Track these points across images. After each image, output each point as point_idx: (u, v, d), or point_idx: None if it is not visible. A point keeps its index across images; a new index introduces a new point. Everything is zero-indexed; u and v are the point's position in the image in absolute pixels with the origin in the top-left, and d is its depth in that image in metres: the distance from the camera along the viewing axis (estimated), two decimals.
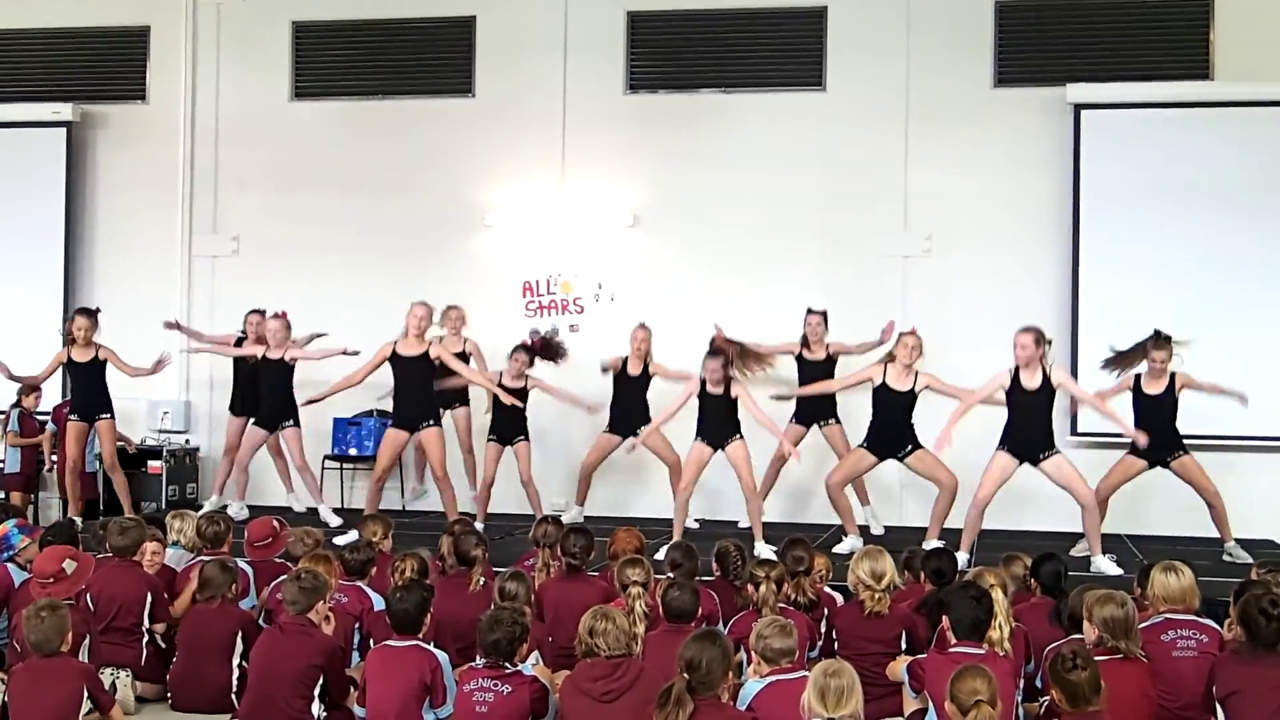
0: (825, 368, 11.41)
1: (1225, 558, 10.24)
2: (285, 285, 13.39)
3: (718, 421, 10.23)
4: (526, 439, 11.49)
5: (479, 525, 10.54)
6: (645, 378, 11.64)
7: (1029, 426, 9.66)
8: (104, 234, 14.36)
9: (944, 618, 6.15)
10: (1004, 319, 10.54)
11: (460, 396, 12.03)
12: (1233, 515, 11.45)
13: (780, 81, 13.28)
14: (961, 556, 9.42)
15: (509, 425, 11.43)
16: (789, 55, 13.30)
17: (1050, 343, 9.78)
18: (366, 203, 13.72)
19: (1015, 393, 9.65)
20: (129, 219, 14.25)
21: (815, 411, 11.41)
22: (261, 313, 12.07)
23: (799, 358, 11.56)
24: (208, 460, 13.79)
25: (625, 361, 11.65)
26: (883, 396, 10.20)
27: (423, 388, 10.76)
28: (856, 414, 10.85)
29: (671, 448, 11.27)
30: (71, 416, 11.56)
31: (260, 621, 7.39)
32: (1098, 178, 12.38)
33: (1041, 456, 9.66)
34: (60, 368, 11.72)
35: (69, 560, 6.58)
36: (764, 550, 9.53)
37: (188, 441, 13.80)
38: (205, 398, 13.86)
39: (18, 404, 12.96)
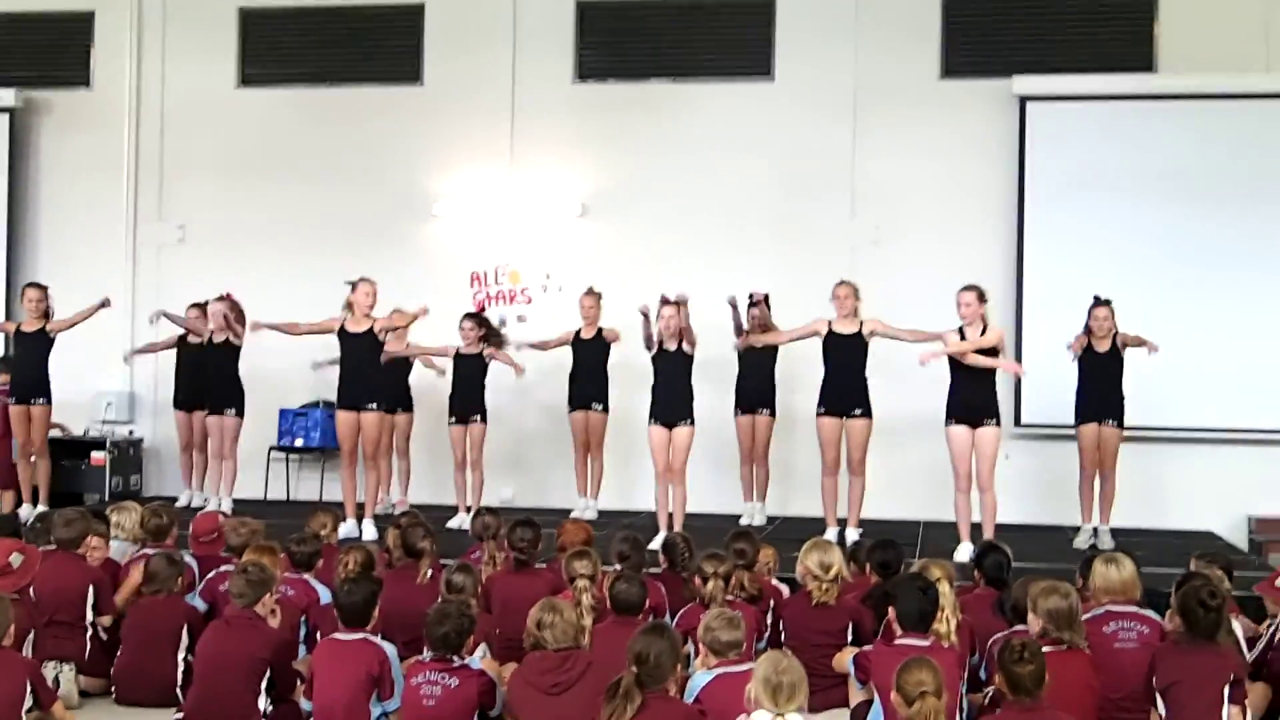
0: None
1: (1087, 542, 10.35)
2: (232, 274, 13.21)
3: None
4: (483, 421, 11.41)
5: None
6: (600, 343, 11.64)
7: (969, 389, 9.72)
8: (48, 222, 14.21)
9: (890, 609, 6.19)
10: (951, 306, 10.62)
11: (404, 401, 11.94)
12: (1172, 506, 11.72)
13: (729, 71, 13.31)
14: (965, 548, 9.52)
15: (467, 402, 11.35)
16: (738, 45, 13.33)
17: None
18: (314, 191, 13.64)
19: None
20: (73, 207, 14.11)
21: (759, 399, 11.43)
22: (202, 306, 11.95)
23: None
24: (151, 451, 13.71)
25: (578, 331, 11.68)
26: (831, 343, 10.30)
27: (369, 365, 10.58)
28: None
29: None
30: (10, 399, 11.39)
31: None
32: (1042, 167, 12.52)
33: (983, 422, 9.71)
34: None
35: (15, 554, 6.50)
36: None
37: (131, 433, 13.68)
38: (150, 388, 13.74)
39: None
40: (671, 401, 10.10)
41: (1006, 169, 12.65)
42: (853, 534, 10.10)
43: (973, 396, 9.74)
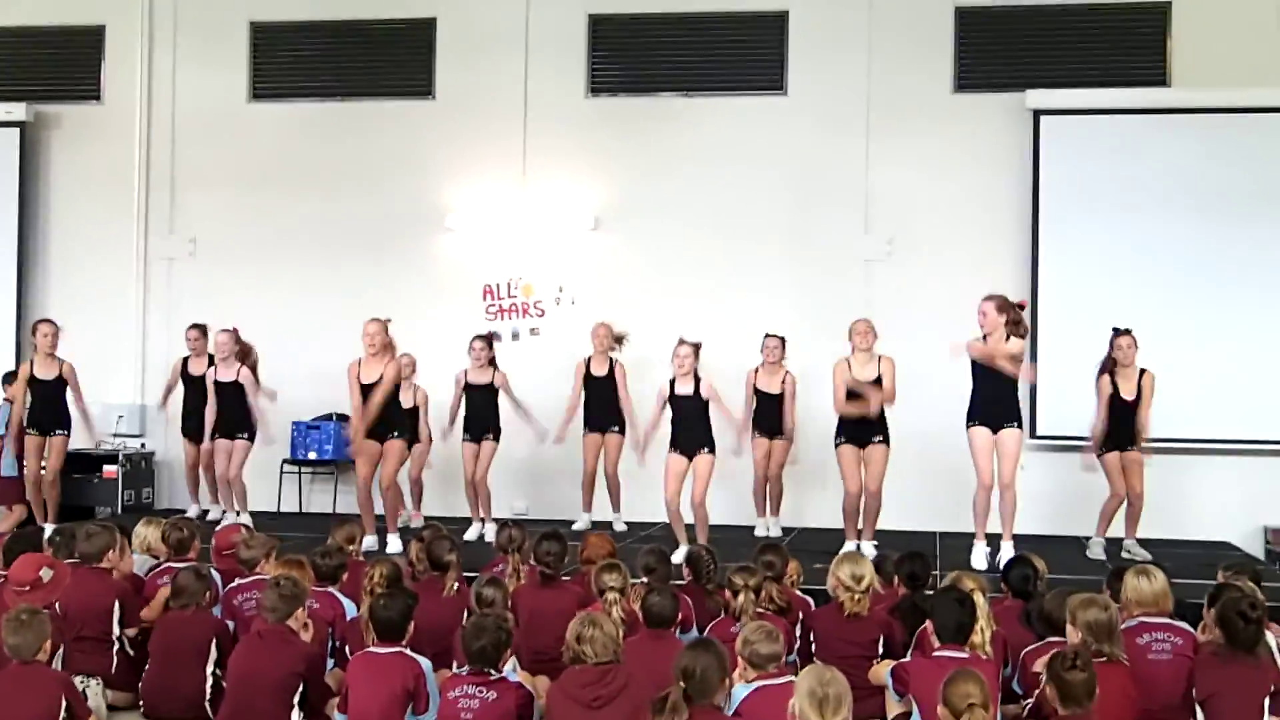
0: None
1: (1124, 554, 10.37)
2: (243, 287, 13.37)
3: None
4: (495, 440, 11.42)
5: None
6: (610, 377, 11.67)
7: (991, 393, 9.72)
8: (59, 236, 14.20)
9: (927, 621, 6.18)
10: (965, 320, 10.62)
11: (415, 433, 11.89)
12: (1189, 518, 11.73)
13: (742, 85, 13.32)
14: (980, 549, 9.61)
15: (481, 423, 11.36)
16: (750, 59, 13.34)
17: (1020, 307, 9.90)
18: (326, 204, 13.63)
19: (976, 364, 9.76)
20: (84, 220, 14.10)
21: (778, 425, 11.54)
22: (201, 328, 11.93)
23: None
24: (163, 465, 13.69)
25: (589, 361, 11.67)
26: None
27: (388, 405, 10.53)
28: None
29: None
30: (30, 430, 11.36)
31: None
32: (1057, 181, 12.54)
33: (1005, 425, 9.72)
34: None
35: (46, 568, 6.48)
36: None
37: (143, 446, 13.66)
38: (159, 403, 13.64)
39: None
40: (692, 435, 10.17)
41: (1021, 182, 12.66)
42: (868, 547, 10.09)
43: (995, 401, 9.74)
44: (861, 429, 10.19)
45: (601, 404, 11.66)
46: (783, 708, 5.23)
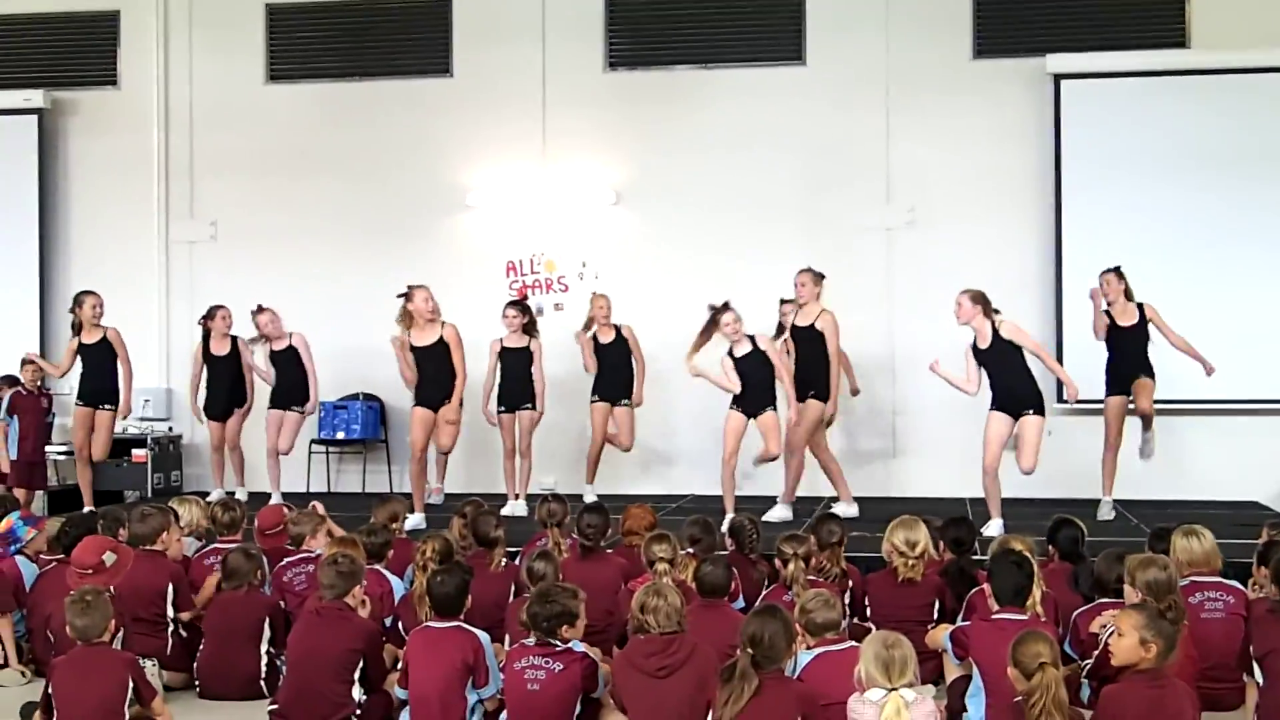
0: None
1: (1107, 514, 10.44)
2: (265, 270, 13.38)
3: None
4: (533, 407, 11.41)
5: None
6: (619, 344, 11.71)
7: (1009, 380, 9.74)
8: (79, 222, 14.19)
9: (981, 584, 6.21)
10: (989, 289, 10.63)
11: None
12: (1219, 478, 11.75)
13: (760, 57, 13.28)
14: (996, 524, 9.58)
15: (515, 392, 11.36)
16: (768, 30, 13.29)
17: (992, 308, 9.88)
18: (345, 185, 13.63)
19: (980, 357, 9.79)
20: (104, 206, 14.09)
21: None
22: (221, 309, 11.90)
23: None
24: (190, 448, 13.72)
25: (594, 336, 11.77)
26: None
27: (443, 371, 10.50)
28: None
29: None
30: (77, 402, 11.39)
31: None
32: (1078, 146, 12.52)
33: (1025, 412, 9.72)
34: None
35: (109, 552, 6.52)
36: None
37: (170, 429, 13.69)
38: (186, 386, 13.57)
39: None
40: (756, 394, 10.25)
41: (1042, 149, 12.65)
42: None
43: (1014, 387, 9.74)
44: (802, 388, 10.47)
45: (611, 372, 11.69)
46: (845, 673, 5.29)
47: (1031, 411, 9.70)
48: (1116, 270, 10.55)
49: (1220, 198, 12.30)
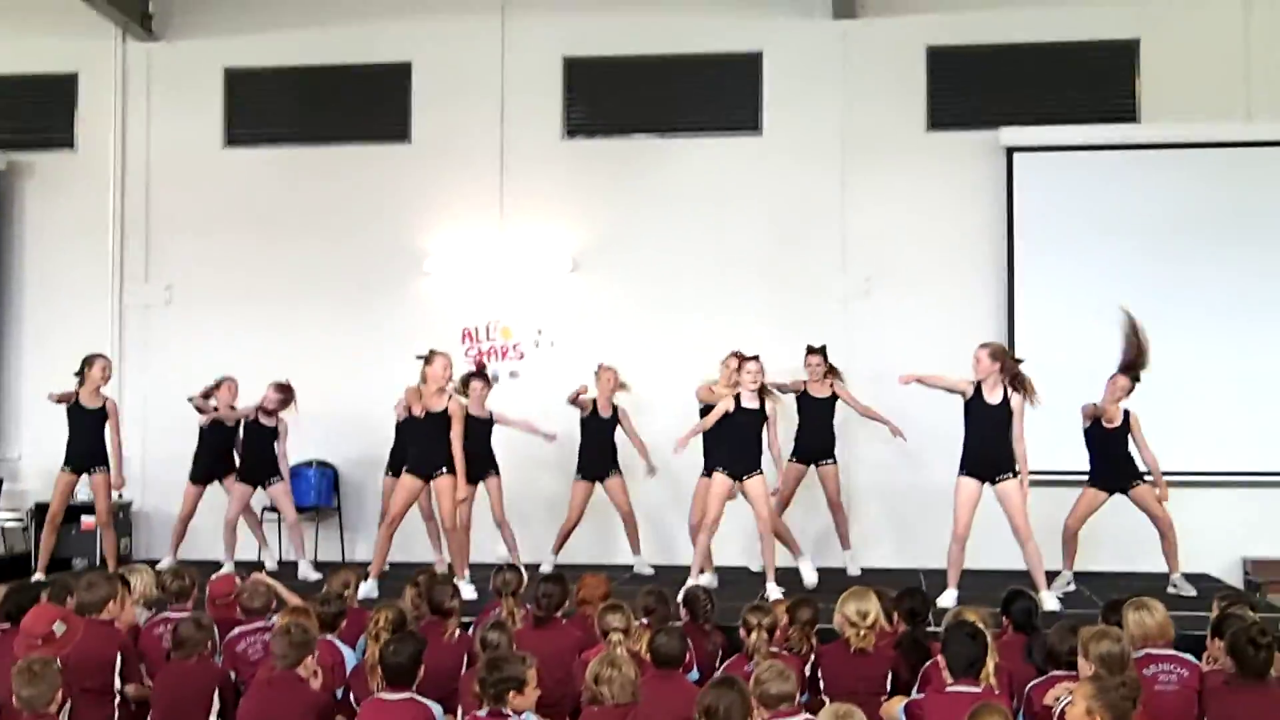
0: (829, 405, 11.75)
1: (1170, 589, 10.40)
2: (220, 333, 13.34)
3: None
4: (497, 474, 11.45)
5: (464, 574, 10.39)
6: (614, 420, 11.75)
7: (984, 442, 9.76)
8: (33, 284, 14.07)
9: (936, 656, 6.21)
10: (943, 355, 10.73)
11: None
12: (1147, 549, 11.74)
13: (717, 126, 13.37)
14: (951, 594, 9.59)
15: (480, 461, 11.28)
16: (725, 99, 13.41)
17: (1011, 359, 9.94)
18: (304, 249, 13.60)
19: (976, 408, 9.81)
20: (59, 269, 13.98)
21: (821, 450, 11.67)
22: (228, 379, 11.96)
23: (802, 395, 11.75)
24: (139, 515, 13.56)
25: (594, 403, 11.69)
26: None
27: (439, 440, 10.31)
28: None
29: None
30: (65, 467, 11.35)
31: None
32: (1031, 216, 12.67)
33: (999, 478, 9.75)
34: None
35: (59, 622, 6.44)
36: (774, 592, 9.91)
37: (120, 495, 13.46)
38: (138, 453, 13.27)
39: None
40: (747, 455, 10.18)
41: (996, 218, 12.77)
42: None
43: (989, 454, 9.75)
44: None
45: (602, 448, 11.70)
46: None
47: (1009, 476, 9.72)
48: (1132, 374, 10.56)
49: (1173, 267, 12.44)
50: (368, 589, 9.90)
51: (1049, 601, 9.55)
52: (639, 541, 11.93)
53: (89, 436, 11.34)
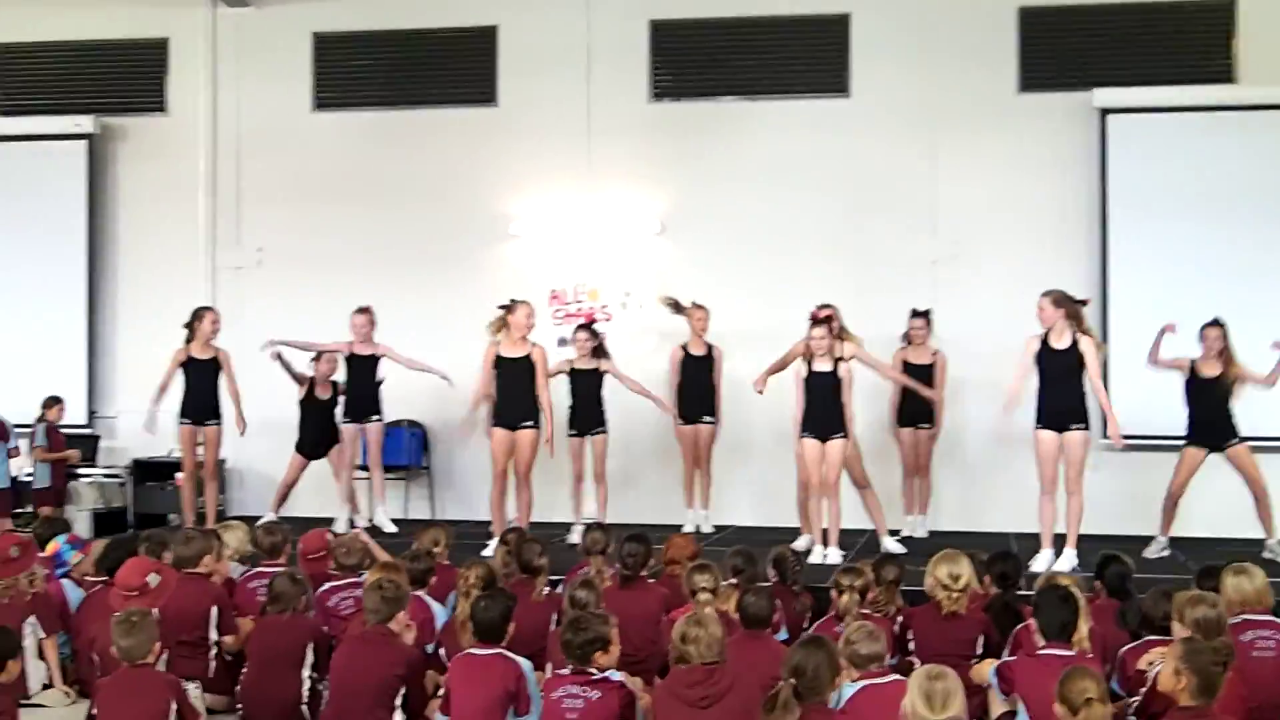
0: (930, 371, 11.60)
1: (1265, 554, 10.23)
2: (310, 296, 13.43)
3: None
4: (605, 431, 11.53)
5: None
6: (709, 358, 11.85)
7: (1056, 395, 9.74)
8: (127, 247, 14.31)
9: (1027, 620, 6.17)
10: (1032, 323, 10.58)
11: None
12: (1240, 515, 11.55)
13: (804, 89, 13.28)
14: (1046, 554, 9.64)
15: (587, 416, 11.40)
16: (812, 62, 13.30)
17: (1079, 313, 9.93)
18: (390, 213, 13.69)
19: (1044, 357, 9.83)
20: (152, 232, 14.20)
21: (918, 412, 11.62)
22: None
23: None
24: (233, 472, 13.73)
25: (685, 348, 11.86)
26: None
27: (526, 389, 10.52)
28: None
29: None
30: (183, 420, 11.57)
31: None
32: (1124, 181, 12.46)
33: (1070, 427, 9.72)
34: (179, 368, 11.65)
35: (153, 574, 6.56)
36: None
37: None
38: (230, 408, 13.56)
39: (42, 418, 12.88)
40: (829, 417, 10.16)
41: (1088, 183, 12.59)
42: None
43: (1059, 401, 9.73)
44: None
45: (700, 389, 11.75)
46: (889, 706, 5.25)
47: (1081, 427, 9.68)
48: (1217, 322, 10.47)
49: (1267, 234, 12.21)
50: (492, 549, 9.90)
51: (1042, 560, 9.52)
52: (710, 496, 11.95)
53: (204, 388, 11.56)
